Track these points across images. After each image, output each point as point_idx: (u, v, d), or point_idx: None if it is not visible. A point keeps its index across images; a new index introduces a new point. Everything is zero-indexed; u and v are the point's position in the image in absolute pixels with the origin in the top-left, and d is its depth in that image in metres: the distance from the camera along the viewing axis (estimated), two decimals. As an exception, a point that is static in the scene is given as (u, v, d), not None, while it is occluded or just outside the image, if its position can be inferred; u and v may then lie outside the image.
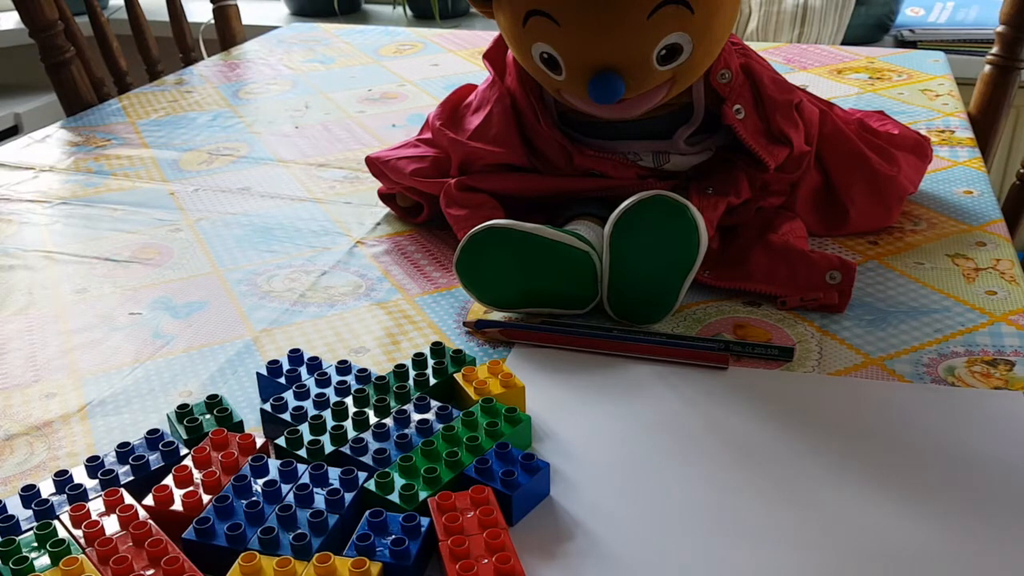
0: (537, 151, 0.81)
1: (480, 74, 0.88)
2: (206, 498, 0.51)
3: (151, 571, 0.46)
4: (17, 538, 0.48)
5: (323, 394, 0.59)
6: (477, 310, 0.72)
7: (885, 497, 0.53)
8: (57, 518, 0.50)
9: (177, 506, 0.51)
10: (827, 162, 0.82)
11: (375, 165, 0.87)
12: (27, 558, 0.47)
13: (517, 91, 0.80)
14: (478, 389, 0.59)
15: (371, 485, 0.52)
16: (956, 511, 0.52)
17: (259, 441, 0.56)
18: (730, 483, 0.55)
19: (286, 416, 0.58)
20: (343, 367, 0.62)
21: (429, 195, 0.83)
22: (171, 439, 0.56)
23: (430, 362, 0.63)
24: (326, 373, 0.61)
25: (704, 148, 0.80)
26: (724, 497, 0.54)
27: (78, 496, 0.52)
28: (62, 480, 0.53)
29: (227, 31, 1.56)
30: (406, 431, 0.56)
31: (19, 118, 2.14)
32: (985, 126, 1.19)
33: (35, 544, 0.48)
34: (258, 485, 0.52)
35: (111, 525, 0.49)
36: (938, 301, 0.72)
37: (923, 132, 0.92)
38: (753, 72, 0.78)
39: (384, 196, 0.90)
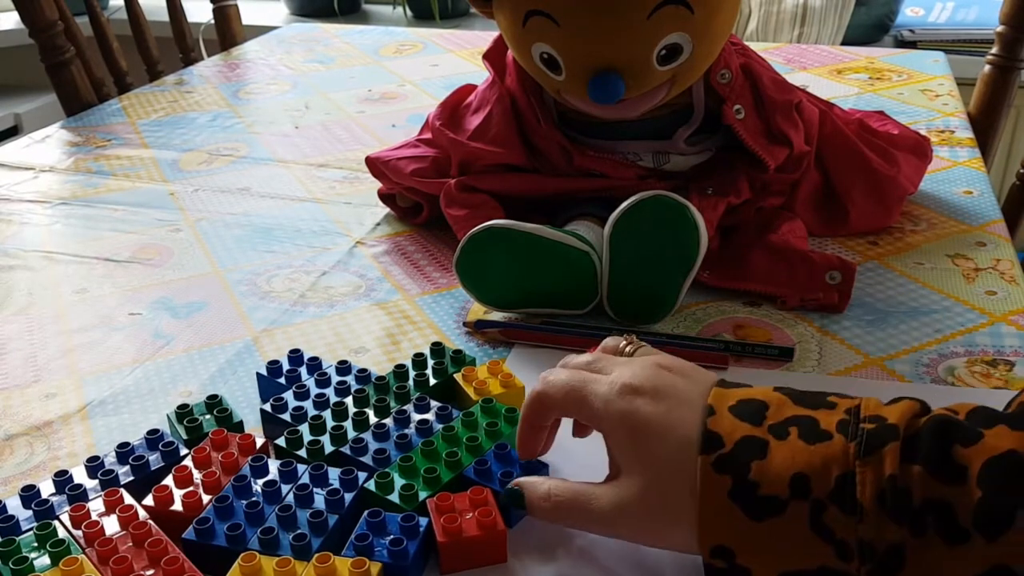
0: (537, 151, 0.81)
1: (480, 74, 0.88)
2: (206, 498, 0.51)
3: (151, 571, 0.46)
4: (17, 538, 0.48)
5: (323, 394, 0.59)
6: (477, 310, 0.72)
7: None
8: (57, 518, 0.50)
9: (177, 506, 0.51)
10: (827, 162, 0.82)
11: (375, 165, 0.87)
12: (27, 558, 0.47)
13: (517, 91, 0.80)
14: (478, 389, 0.59)
15: (371, 485, 0.52)
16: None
17: (259, 441, 0.56)
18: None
19: (286, 416, 0.58)
20: (343, 367, 0.62)
21: (429, 195, 0.83)
22: (171, 439, 0.56)
23: (430, 362, 0.63)
24: (326, 373, 0.61)
25: (704, 148, 0.80)
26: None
27: (78, 496, 0.52)
28: (62, 480, 0.53)
29: (227, 31, 1.56)
30: (406, 431, 0.56)
31: (19, 118, 2.14)
32: (985, 126, 1.19)
33: (35, 544, 0.48)
34: (258, 485, 0.52)
35: (111, 525, 0.49)
36: (938, 301, 0.72)
37: (923, 132, 0.92)
38: (753, 72, 0.78)
39: (384, 196, 0.90)
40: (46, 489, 0.52)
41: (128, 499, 0.51)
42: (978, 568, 0.38)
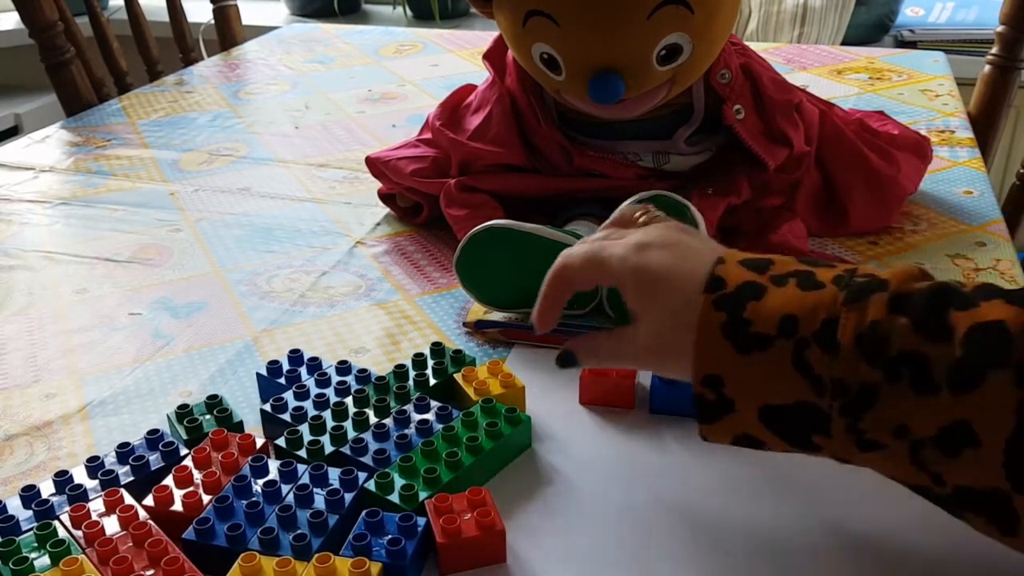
0: (537, 151, 0.81)
1: (480, 74, 0.88)
2: (206, 498, 0.51)
3: (151, 571, 0.46)
4: (17, 538, 0.48)
5: (323, 394, 0.59)
6: (477, 310, 0.72)
7: (887, 496, 0.53)
8: (57, 518, 0.50)
9: (177, 506, 0.51)
10: (827, 162, 0.82)
11: (375, 165, 0.87)
12: (27, 558, 0.47)
13: (517, 91, 0.80)
14: (478, 389, 0.59)
15: (371, 485, 0.52)
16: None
17: (259, 441, 0.56)
18: (730, 482, 0.55)
19: (286, 416, 0.58)
20: (343, 367, 0.62)
21: (429, 195, 0.83)
22: (171, 439, 0.56)
23: (430, 362, 0.63)
24: (326, 373, 0.61)
25: (704, 148, 0.80)
26: (724, 496, 0.54)
27: (78, 496, 0.52)
28: (62, 480, 0.53)
29: (227, 31, 1.56)
30: (406, 431, 0.56)
31: (19, 118, 2.14)
32: (985, 126, 1.19)
33: (35, 544, 0.48)
34: (258, 485, 0.52)
35: (111, 525, 0.49)
36: (938, 301, 0.72)
37: (923, 132, 0.92)
38: (753, 72, 0.78)
39: (384, 196, 0.90)
40: (46, 489, 0.53)
41: (128, 499, 0.51)
42: (941, 420, 0.40)
